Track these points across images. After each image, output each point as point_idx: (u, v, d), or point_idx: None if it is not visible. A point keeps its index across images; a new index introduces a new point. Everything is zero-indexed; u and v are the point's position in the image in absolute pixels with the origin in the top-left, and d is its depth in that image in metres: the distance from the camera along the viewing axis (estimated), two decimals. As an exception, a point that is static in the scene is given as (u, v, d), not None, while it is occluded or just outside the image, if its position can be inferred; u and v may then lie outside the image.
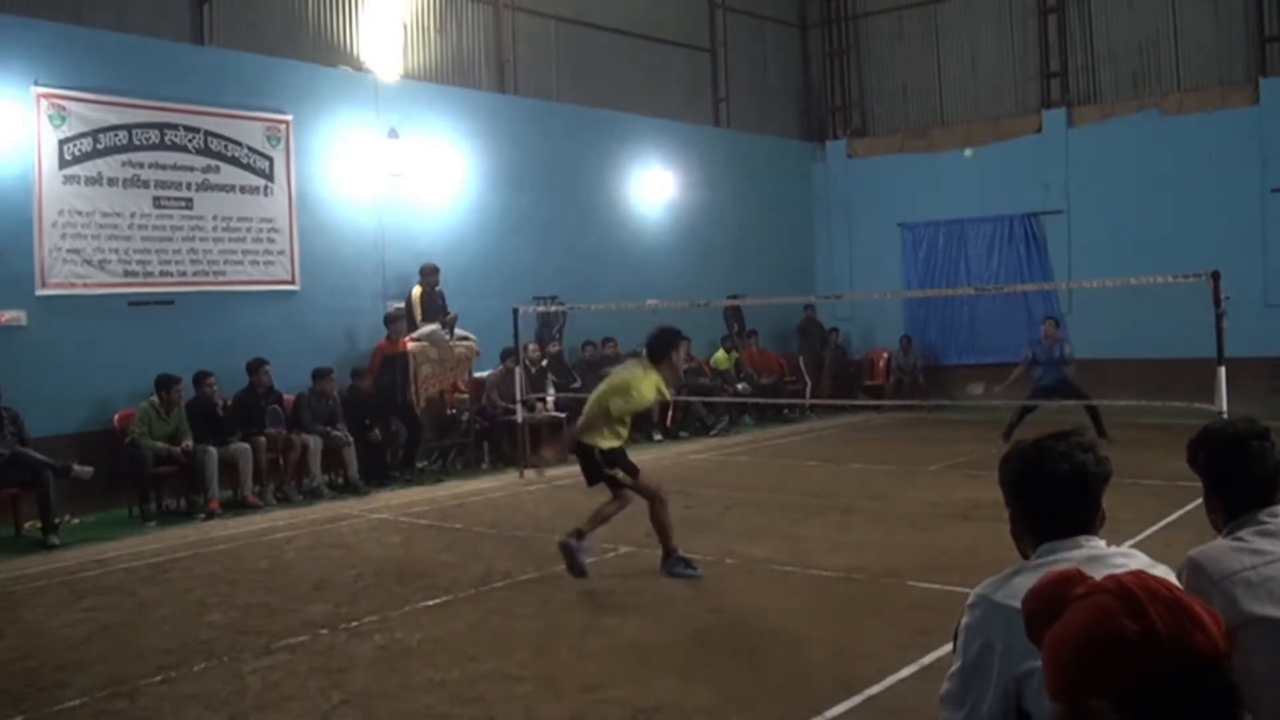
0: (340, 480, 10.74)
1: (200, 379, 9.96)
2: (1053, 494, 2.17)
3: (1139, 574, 1.46)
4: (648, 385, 6.47)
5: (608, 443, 6.62)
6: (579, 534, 6.49)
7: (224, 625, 5.99)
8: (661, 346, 6.57)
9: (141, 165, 10.36)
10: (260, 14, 11.75)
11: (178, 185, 10.62)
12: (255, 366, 10.25)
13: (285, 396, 10.58)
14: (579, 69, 15.26)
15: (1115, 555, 2.13)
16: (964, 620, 2.15)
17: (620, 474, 6.66)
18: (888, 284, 17.25)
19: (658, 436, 14.04)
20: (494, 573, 6.95)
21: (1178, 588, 1.45)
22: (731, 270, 16.33)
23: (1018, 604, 1.99)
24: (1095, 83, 16.12)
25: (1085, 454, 2.19)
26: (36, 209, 9.67)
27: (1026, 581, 2.02)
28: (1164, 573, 2.04)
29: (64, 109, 9.88)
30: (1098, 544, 2.16)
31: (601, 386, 6.70)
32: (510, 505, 9.66)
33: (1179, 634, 1.35)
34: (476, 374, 12.49)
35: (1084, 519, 2.19)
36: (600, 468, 6.68)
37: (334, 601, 6.37)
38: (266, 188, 11.30)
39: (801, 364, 16.56)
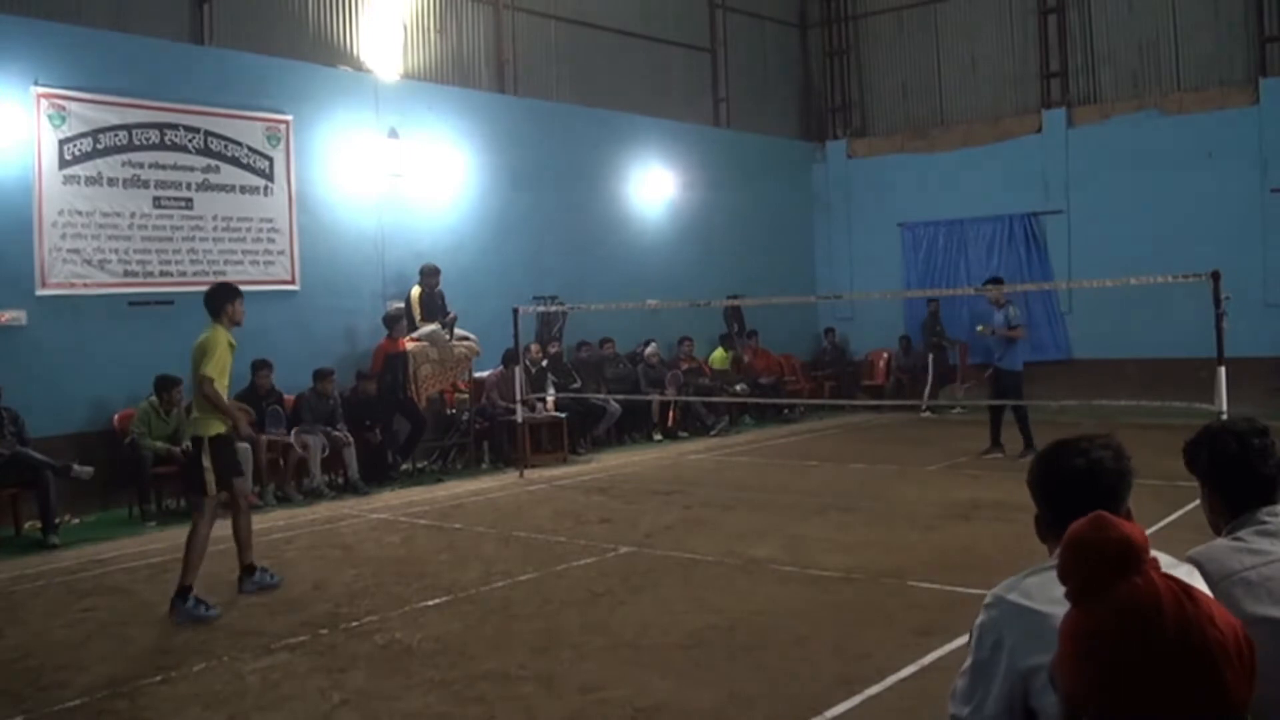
0: (340, 480, 10.75)
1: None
2: (1069, 491, 2.17)
3: (1180, 602, 1.41)
4: (221, 342, 6.53)
5: (214, 429, 6.48)
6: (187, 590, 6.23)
7: (224, 625, 5.99)
8: (215, 302, 6.67)
9: (141, 165, 10.36)
10: (260, 14, 11.75)
11: (178, 185, 10.62)
12: (260, 369, 10.25)
13: (285, 396, 10.59)
14: (579, 69, 15.26)
15: None
16: (979, 619, 2.17)
17: (209, 474, 6.42)
18: (888, 284, 17.25)
19: (658, 436, 14.04)
20: (494, 573, 6.95)
21: (1220, 643, 1.41)
22: (731, 270, 16.33)
23: (1031, 603, 2.01)
24: (1095, 83, 16.13)
25: (1103, 451, 2.19)
26: (36, 209, 9.67)
27: (1041, 582, 2.03)
28: (1185, 572, 2.03)
29: (64, 109, 9.88)
30: None
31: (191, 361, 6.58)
32: (510, 505, 9.66)
33: (1197, 701, 1.36)
34: (476, 374, 12.49)
35: None
36: (198, 465, 6.47)
37: (334, 601, 6.37)
38: (266, 188, 11.31)
39: (930, 362, 15.90)
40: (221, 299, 6.68)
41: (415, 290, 12.08)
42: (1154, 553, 2.15)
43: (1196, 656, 1.37)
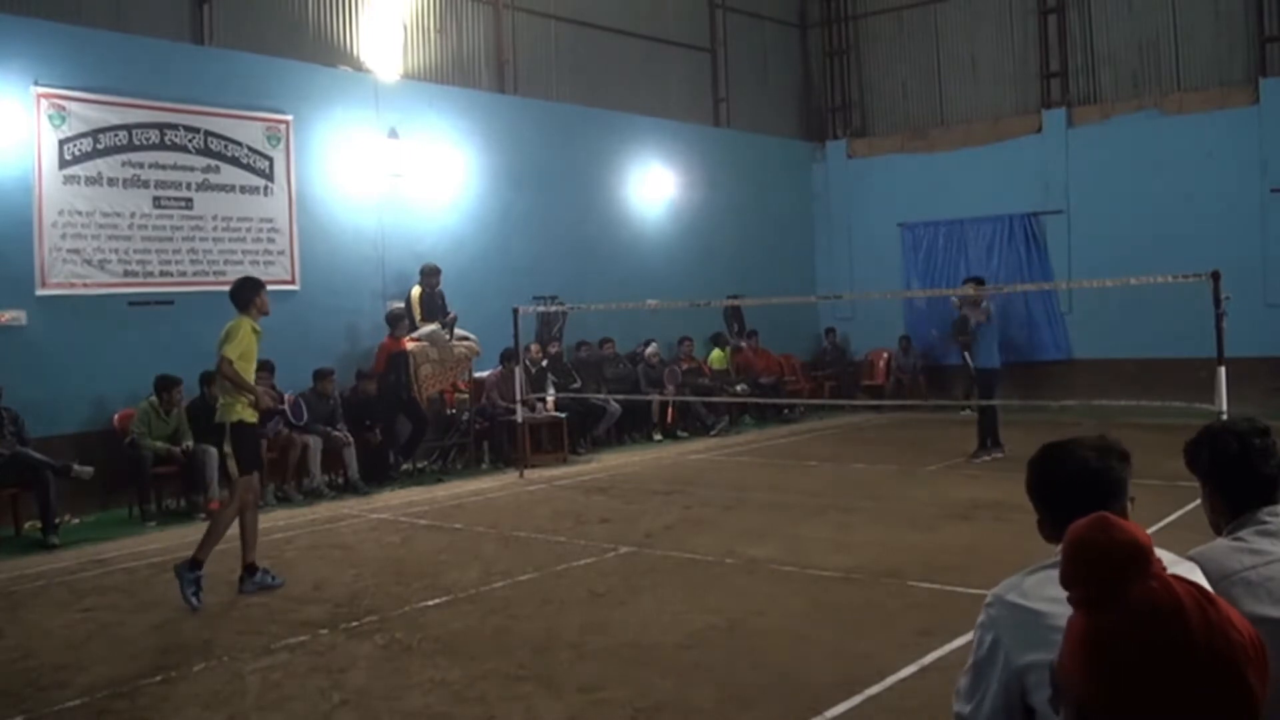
0: (340, 480, 10.75)
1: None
2: (1065, 493, 2.18)
3: (1203, 608, 1.40)
4: (245, 328, 6.76)
5: (239, 414, 6.68)
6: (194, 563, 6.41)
7: (224, 625, 6.00)
8: (242, 295, 6.93)
9: (141, 165, 10.36)
10: (260, 14, 11.76)
11: (178, 185, 10.62)
12: (260, 370, 10.23)
13: (286, 397, 10.58)
14: (579, 69, 15.26)
15: None
16: (980, 618, 2.19)
17: (230, 460, 6.71)
18: (888, 284, 17.25)
19: (658, 436, 14.05)
20: (494, 573, 6.95)
21: (1243, 649, 1.39)
22: (731, 270, 16.33)
23: (1027, 602, 2.03)
24: (1095, 83, 16.13)
25: (1101, 453, 2.19)
26: (36, 209, 9.67)
27: (1039, 581, 2.04)
28: (1187, 570, 2.03)
29: (64, 109, 9.88)
30: None
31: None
32: (510, 505, 9.66)
33: (1218, 713, 1.35)
34: (476, 374, 12.49)
35: None
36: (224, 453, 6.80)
37: (334, 601, 6.37)
38: (266, 188, 11.31)
39: (967, 358, 15.63)
40: (249, 292, 6.93)
41: (415, 290, 12.08)
42: (1157, 551, 2.15)
43: (1223, 661, 1.36)
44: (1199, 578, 2.00)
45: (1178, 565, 2.01)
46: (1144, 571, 1.43)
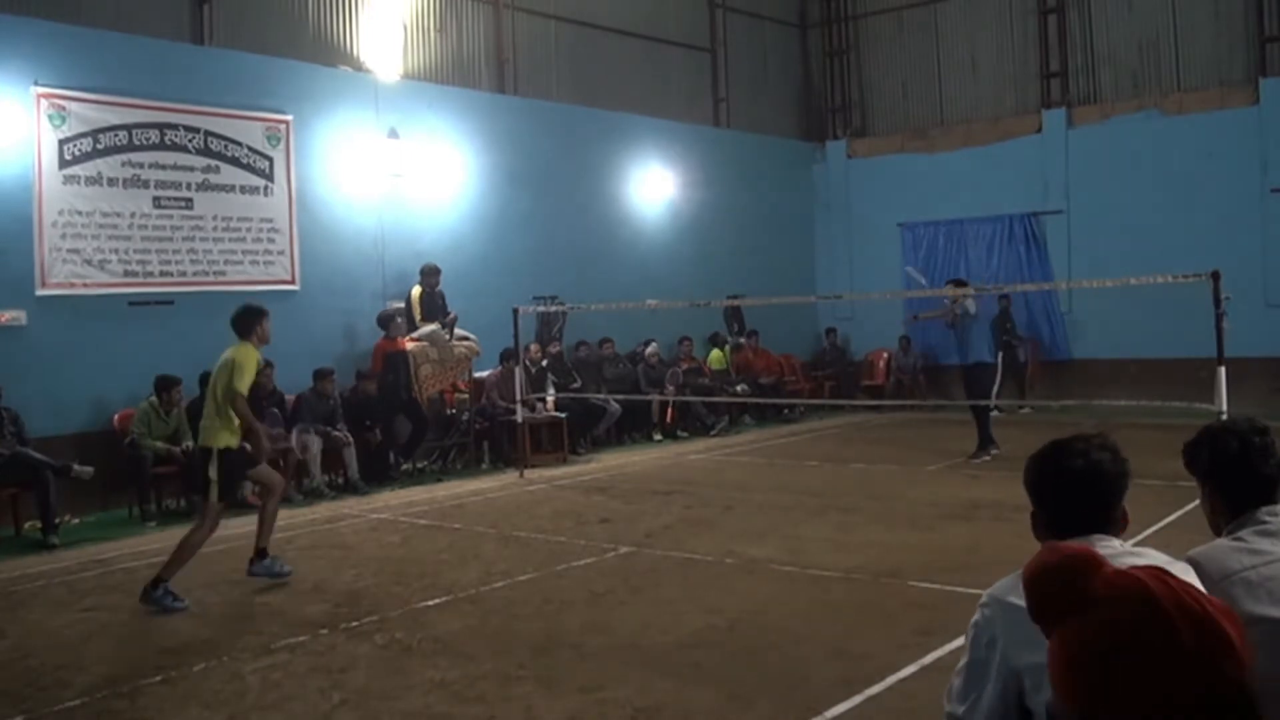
0: (340, 480, 10.75)
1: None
2: (1067, 492, 2.18)
3: (1162, 579, 1.42)
4: (254, 358, 6.70)
5: (225, 441, 6.57)
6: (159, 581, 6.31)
7: (224, 625, 6.00)
8: (245, 322, 6.79)
9: (141, 165, 10.36)
10: (260, 14, 11.76)
11: (178, 185, 10.62)
12: (260, 369, 10.23)
13: (286, 396, 10.59)
14: (579, 69, 15.26)
15: (1125, 554, 2.13)
16: (974, 618, 2.18)
17: (214, 486, 6.51)
18: (888, 284, 17.25)
19: (658, 436, 14.05)
20: (494, 573, 6.95)
21: (1206, 599, 1.41)
22: (731, 270, 16.32)
23: (1024, 603, 2.01)
24: (1095, 83, 16.13)
25: (1103, 453, 2.19)
26: (36, 209, 9.67)
27: None
28: (1180, 570, 2.03)
29: (64, 109, 9.88)
30: (1112, 544, 2.16)
31: (215, 374, 6.67)
32: (510, 505, 9.66)
33: (1207, 659, 1.33)
34: (476, 374, 12.49)
35: (1100, 518, 2.19)
36: (204, 475, 6.58)
37: (334, 601, 6.37)
38: (266, 188, 11.31)
39: (1000, 360, 14.37)
40: (251, 320, 6.77)
41: (415, 290, 12.08)
42: (1150, 551, 2.15)
43: (1196, 616, 1.36)
44: (1192, 578, 2.01)
45: (1171, 566, 2.01)
46: (1098, 569, 1.45)
